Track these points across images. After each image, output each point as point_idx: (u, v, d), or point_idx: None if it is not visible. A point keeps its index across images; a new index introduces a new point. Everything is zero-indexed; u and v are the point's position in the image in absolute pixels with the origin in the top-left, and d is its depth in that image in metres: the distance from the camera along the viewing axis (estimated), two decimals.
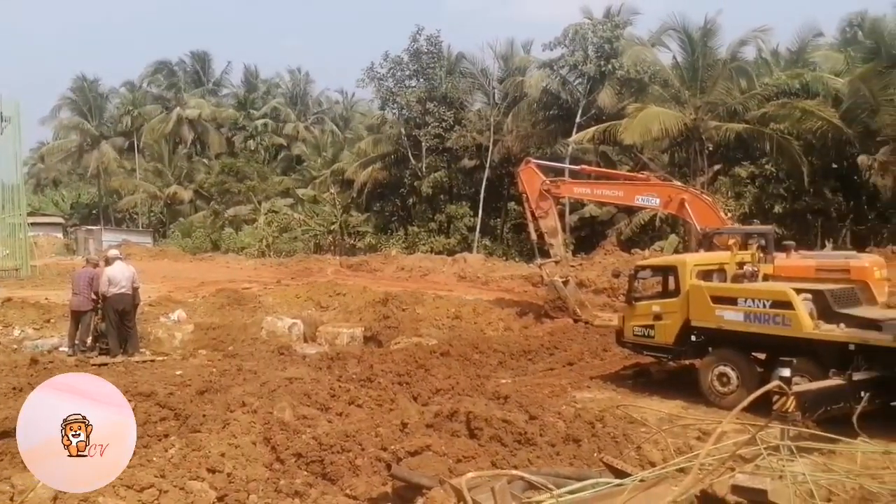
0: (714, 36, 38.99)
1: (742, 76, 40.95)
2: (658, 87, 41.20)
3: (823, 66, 41.48)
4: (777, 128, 36.85)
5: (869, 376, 11.70)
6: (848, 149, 36.31)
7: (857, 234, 37.07)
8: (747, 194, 39.58)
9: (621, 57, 41.49)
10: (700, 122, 37.52)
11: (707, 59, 38.77)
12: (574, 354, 18.26)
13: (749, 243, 16.62)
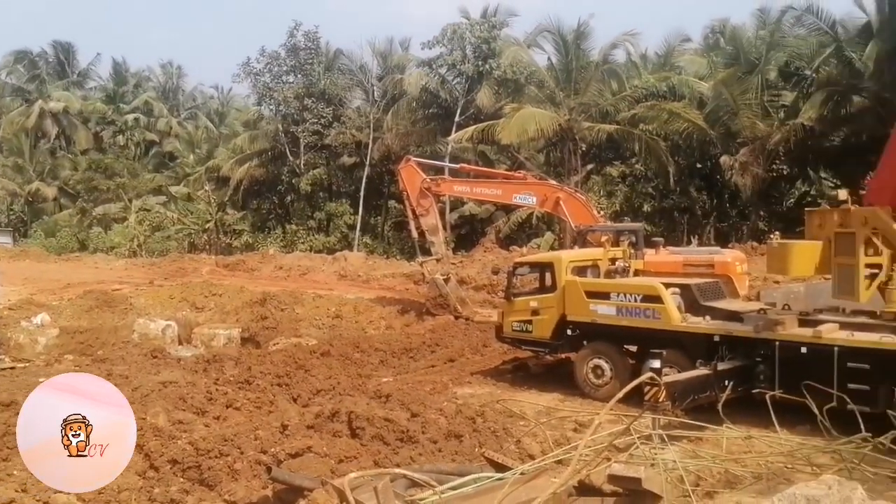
0: (587, 39, 40.15)
1: (613, 78, 42.37)
2: (534, 87, 42.07)
3: (689, 70, 43.41)
4: (646, 129, 38.30)
5: (732, 366, 12.33)
6: (711, 149, 38.12)
7: (721, 231, 38.99)
8: (619, 193, 40.99)
9: (499, 57, 42.12)
10: (574, 123, 38.54)
11: (580, 61, 39.86)
12: (455, 351, 18.43)
13: (620, 240, 17.25)
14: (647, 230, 33.45)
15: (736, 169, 35.00)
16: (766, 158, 35.26)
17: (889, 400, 10.96)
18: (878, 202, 11.97)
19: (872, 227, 11.68)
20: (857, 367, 11.19)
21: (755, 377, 12.20)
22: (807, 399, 9.47)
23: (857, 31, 34.91)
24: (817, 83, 34.07)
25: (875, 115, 30.57)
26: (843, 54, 33.63)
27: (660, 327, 13.43)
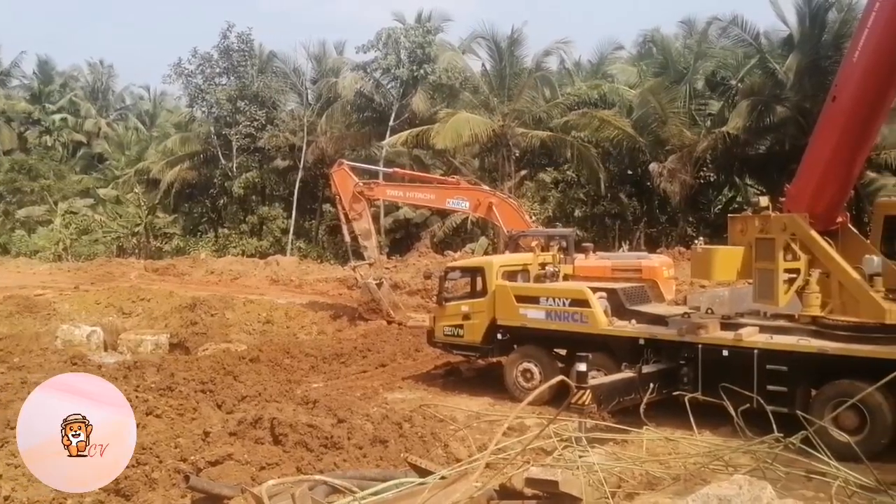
0: (520, 45, 40.61)
1: (546, 85, 42.90)
2: (468, 93, 42.31)
3: (620, 79, 44.19)
4: (578, 136, 38.84)
5: (656, 368, 12.57)
6: (641, 156, 38.84)
7: (651, 237, 39.74)
8: (551, 199, 41.46)
9: (433, 62, 42.22)
10: (507, 129, 38.85)
11: (514, 67, 40.26)
12: (387, 356, 18.38)
13: (551, 245, 17.42)
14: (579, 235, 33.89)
15: (664, 176, 35.71)
16: (694, 166, 36.09)
17: (805, 401, 11.32)
18: (796, 209, 12.35)
19: (791, 233, 12.04)
20: (775, 369, 11.53)
21: (679, 380, 12.45)
22: (724, 401, 9.68)
23: (779, 44, 36.06)
24: (742, 93, 35.03)
25: (796, 124, 31.58)
26: (766, 65, 34.67)
27: (587, 331, 13.62)
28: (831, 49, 30.58)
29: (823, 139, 12.15)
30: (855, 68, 11.55)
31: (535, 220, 33.09)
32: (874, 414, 10.51)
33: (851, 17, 29.54)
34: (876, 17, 11.20)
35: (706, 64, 39.42)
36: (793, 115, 32.36)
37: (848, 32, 26.55)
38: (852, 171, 12.61)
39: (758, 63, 35.30)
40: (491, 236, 39.06)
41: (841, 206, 12.84)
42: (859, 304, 11.49)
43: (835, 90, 12.02)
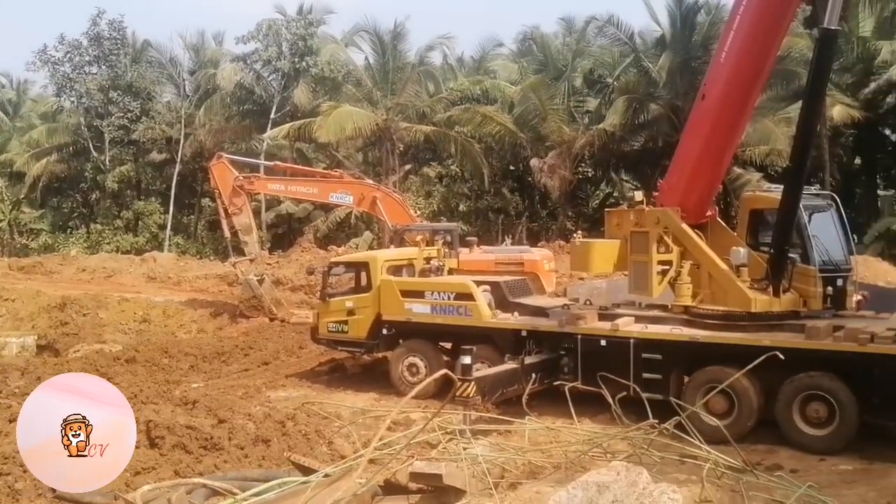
0: (403, 40, 40.59)
1: (430, 80, 43.06)
2: (351, 86, 42.02)
3: (502, 75, 44.87)
4: (461, 131, 39.18)
5: (539, 359, 12.84)
6: (522, 152, 39.56)
7: (533, 231, 40.54)
8: (436, 193, 41.72)
9: (316, 55, 41.68)
10: (391, 123, 38.79)
11: (397, 61, 40.21)
12: (270, 354, 18.07)
13: (436, 239, 17.51)
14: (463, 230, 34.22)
15: (545, 171, 36.47)
16: (573, 161, 36.99)
17: (678, 387, 11.81)
18: (668, 203, 12.85)
19: (664, 227, 12.53)
20: (650, 357, 11.97)
21: (560, 369, 12.76)
22: (602, 389, 9.98)
23: (653, 43, 37.40)
24: (618, 91, 36.12)
25: (669, 121, 32.86)
26: (641, 64, 35.87)
27: (471, 324, 13.77)
28: (701, 49, 31.92)
29: (693, 136, 12.70)
30: (722, 68, 12.11)
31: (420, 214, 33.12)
32: (742, 398, 11.07)
33: (719, 19, 30.91)
34: (741, 20, 11.78)
35: (584, 62, 40.49)
36: (665, 113, 33.63)
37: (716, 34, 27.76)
38: (721, 167, 13.23)
39: (633, 62, 36.49)
40: (375, 231, 38.94)
41: (710, 201, 13.46)
42: (727, 294, 12.07)
43: (704, 89, 12.57)
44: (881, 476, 9.49)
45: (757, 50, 11.69)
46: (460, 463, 6.86)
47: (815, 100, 11.99)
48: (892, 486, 9.02)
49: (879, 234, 30.21)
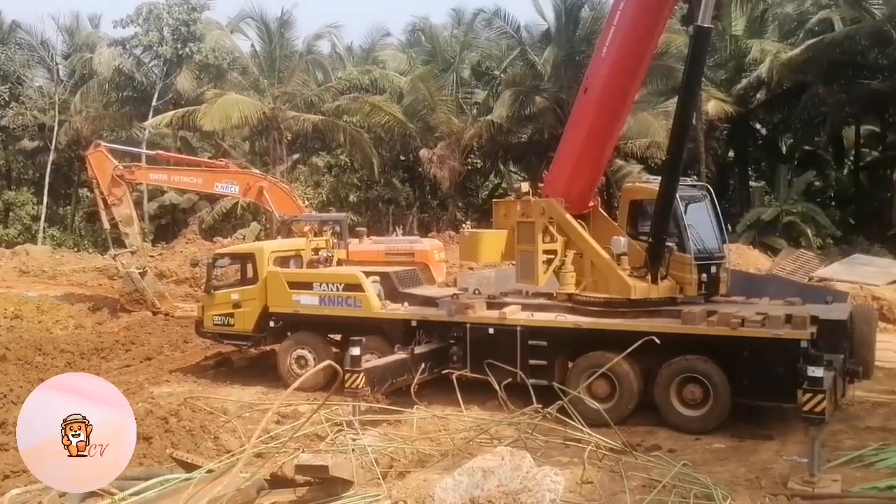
0: (291, 28, 39.97)
1: (318, 69, 42.54)
2: (237, 74, 41.12)
3: (391, 65, 44.75)
4: (350, 120, 38.91)
5: (428, 349, 12.92)
6: (412, 143, 39.63)
7: (423, 221, 40.73)
8: (325, 183, 41.33)
9: (199, 41, 40.51)
10: (279, 112, 38.16)
11: (284, 49, 39.55)
12: (153, 349, 17.51)
13: (324, 230, 17.34)
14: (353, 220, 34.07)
15: (434, 162, 36.68)
16: (462, 152, 37.35)
17: (563, 373, 12.12)
18: (553, 194, 13.14)
19: (549, 217, 12.81)
20: (536, 344, 12.23)
21: (449, 358, 12.87)
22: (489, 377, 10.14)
23: (539, 37, 38.11)
24: (505, 83, 36.64)
25: (554, 114, 33.57)
26: (527, 57, 36.49)
27: (361, 315, 13.73)
28: (585, 44, 32.68)
29: (576, 129, 13.02)
30: (603, 63, 12.46)
31: (309, 204, 32.80)
32: (622, 382, 11.46)
33: (602, 15, 31.72)
34: (620, 16, 12.14)
35: (472, 54, 40.89)
36: (551, 106, 34.32)
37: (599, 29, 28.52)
38: (602, 159, 13.62)
39: (519, 55, 37.07)
40: (263, 222, 38.26)
41: (593, 192, 13.83)
42: (609, 282, 12.45)
43: (586, 83, 12.90)
44: (751, 453, 10.04)
45: (635, 45, 12.08)
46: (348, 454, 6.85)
47: (690, 95, 12.49)
48: (761, 461, 9.56)
49: (750, 223, 31.79)
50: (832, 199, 37.81)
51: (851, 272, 22.83)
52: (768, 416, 11.40)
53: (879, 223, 34.15)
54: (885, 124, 36.74)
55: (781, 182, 33.47)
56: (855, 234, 32.93)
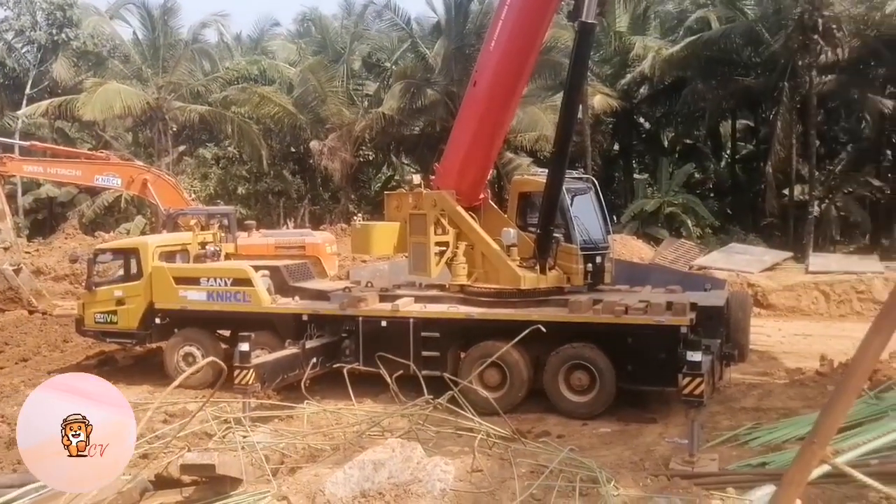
0: (175, 15, 38.72)
1: (205, 58, 41.44)
2: (119, 62, 39.55)
3: (281, 56, 44.05)
4: (238, 111, 38.09)
5: (320, 343, 12.80)
6: (302, 134, 39.12)
7: (315, 214, 40.28)
8: (212, 175, 40.29)
9: (77, 27, 38.78)
10: (164, 102, 36.98)
11: (168, 38, 38.32)
12: (29, 349, 16.73)
13: (211, 224, 16.94)
14: (242, 213, 33.42)
15: (326, 154, 36.34)
16: (353, 144, 37.14)
17: (455, 363, 12.25)
18: (444, 186, 13.24)
19: (440, 209, 12.90)
20: (429, 335, 12.31)
21: (342, 352, 12.79)
22: (381, 369, 10.13)
23: (430, 30, 38.19)
24: (396, 75, 36.60)
25: (445, 107, 33.74)
26: (418, 50, 36.56)
27: (250, 310, 13.49)
28: (474, 37, 32.94)
29: (466, 122, 13.15)
30: (491, 56, 12.61)
31: (196, 197, 32.01)
32: (513, 370, 11.67)
33: (491, 8, 32.04)
34: (508, 10, 12.31)
35: (363, 46, 40.65)
36: (442, 98, 34.49)
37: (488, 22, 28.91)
38: (492, 152, 13.79)
39: (410, 47, 37.11)
40: (148, 216, 37.03)
41: (483, 184, 13.99)
42: (499, 273, 12.66)
43: (475, 76, 13.03)
44: (635, 436, 10.40)
45: (522, 40, 12.27)
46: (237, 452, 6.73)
47: (575, 89, 12.80)
48: (645, 444, 9.92)
49: (634, 214, 32.89)
50: (711, 191, 39.48)
51: (728, 260, 23.96)
52: (652, 401, 11.84)
53: (754, 213, 35.94)
54: (758, 119, 38.58)
55: (663, 174, 34.75)
56: (732, 223, 34.55)
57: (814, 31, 29.04)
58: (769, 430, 9.44)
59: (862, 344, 2.77)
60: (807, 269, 23.20)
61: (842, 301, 21.02)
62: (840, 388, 2.80)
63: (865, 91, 33.42)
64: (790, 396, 11.53)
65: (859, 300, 20.76)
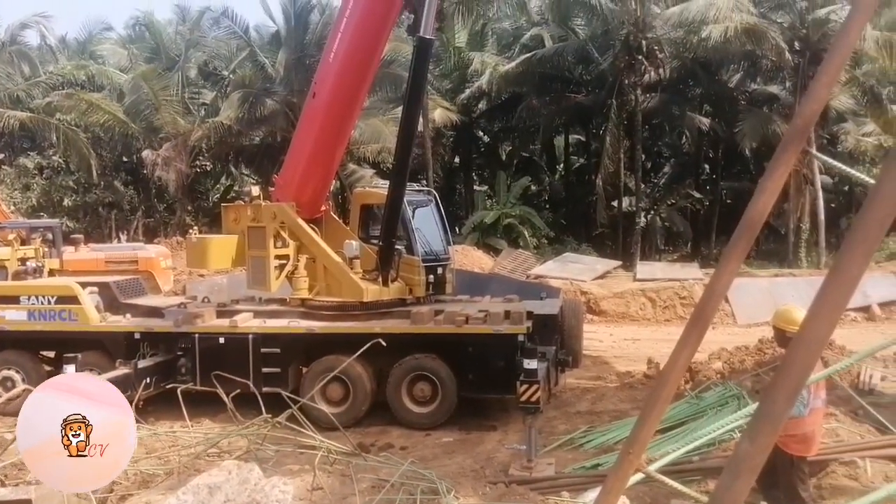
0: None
1: (25, 62, 38.94)
2: None
3: (111, 61, 42.01)
4: (64, 119, 35.98)
5: (154, 362, 12.23)
6: (135, 143, 37.48)
7: (149, 226, 38.63)
8: (35, 186, 37.82)
9: None
10: None
11: None
12: None
13: (33, 238, 15.93)
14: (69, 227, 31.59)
15: (160, 164, 34.96)
16: (189, 154, 35.95)
17: (297, 379, 12.04)
18: (284, 198, 13.04)
19: (280, 222, 12.68)
20: (269, 352, 12.01)
21: (177, 371, 12.28)
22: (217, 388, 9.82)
23: (269, 39, 37.60)
24: (234, 84, 35.75)
25: (285, 117, 33.28)
26: (256, 59, 35.87)
27: (77, 329, 12.70)
28: (315, 48, 32.68)
29: (305, 133, 13.02)
30: (331, 69, 12.56)
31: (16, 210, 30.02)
32: (356, 384, 11.60)
33: (331, 19, 31.94)
34: (347, 22, 12.31)
35: (198, 53, 39.47)
36: (282, 108, 34.00)
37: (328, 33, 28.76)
38: (332, 163, 13.70)
39: (248, 56, 36.36)
40: None
41: (324, 196, 13.89)
42: (342, 286, 12.57)
43: (314, 87, 12.93)
44: (477, 444, 10.59)
45: (361, 52, 12.30)
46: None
47: (414, 103, 12.92)
48: (486, 451, 10.11)
49: (475, 225, 33.65)
50: (546, 203, 41.01)
51: (563, 269, 24.96)
52: (493, 408, 12.10)
53: (587, 224, 37.62)
54: (589, 134, 40.46)
55: (501, 186, 35.78)
56: (566, 234, 36.02)
57: (638, 51, 30.84)
58: (602, 433, 9.88)
59: (671, 356, 2.96)
60: (634, 277, 24.53)
61: (667, 307, 22.38)
62: (651, 398, 2.97)
63: (685, 109, 35.89)
64: (621, 399, 12.12)
65: (682, 305, 22.15)
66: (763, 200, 2.71)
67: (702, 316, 3.01)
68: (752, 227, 2.75)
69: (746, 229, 2.75)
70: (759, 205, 2.75)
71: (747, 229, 2.75)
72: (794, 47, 29.42)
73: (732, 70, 34.99)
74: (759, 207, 2.75)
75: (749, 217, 2.74)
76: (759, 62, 32.28)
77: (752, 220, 2.73)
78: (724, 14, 27.64)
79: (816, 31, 28.47)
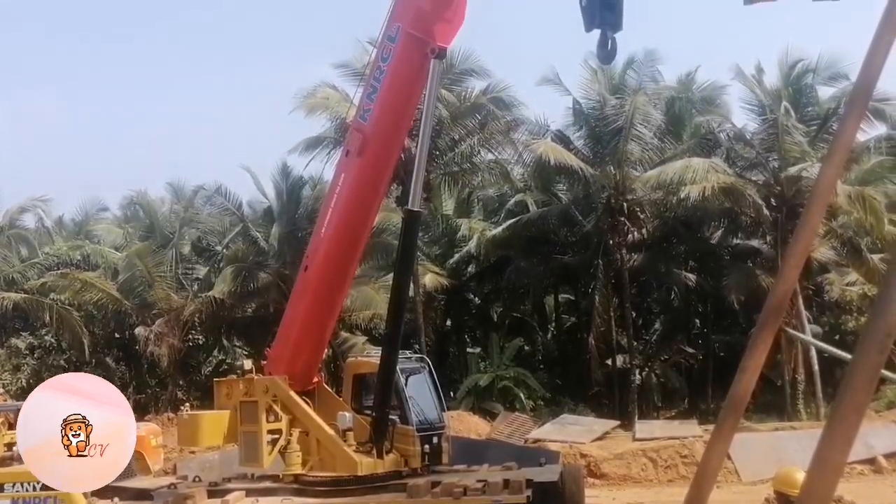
0: None
1: (23, 244, 39.69)
2: None
3: (107, 240, 42.82)
4: (58, 298, 36.25)
5: None
6: (128, 320, 37.56)
7: (140, 403, 37.96)
8: (25, 367, 37.51)
9: None
10: None
11: None
12: None
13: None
14: None
15: (152, 339, 34.94)
16: (182, 329, 35.96)
17: None
18: (276, 371, 13.04)
19: (272, 395, 12.62)
20: None
21: None
22: None
23: (261, 214, 38.54)
24: (227, 259, 36.33)
25: (278, 289, 33.53)
26: (249, 234, 36.61)
27: None
28: (307, 221, 33.47)
29: (297, 306, 13.21)
30: (322, 242, 12.92)
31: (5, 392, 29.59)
32: None
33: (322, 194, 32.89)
34: (338, 197, 12.77)
35: (192, 230, 40.35)
36: (275, 281, 34.33)
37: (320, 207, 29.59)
38: (324, 335, 13.83)
39: (241, 231, 37.13)
40: None
41: (317, 367, 13.91)
42: (335, 459, 12.38)
43: (306, 260, 13.25)
44: None
45: (352, 226, 12.71)
46: None
47: (404, 270, 13.24)
48: None
49: (469, 389, 33.29)
50: (540, 363, 40.75)
51: (561, 431, 24.55)
52: None
53: (582, 383, 37.27)
54: (578, 293, 40.85)
55: (494, 348, 35.70)
56: (562, 394, 35.59)
57: (620, 213, 31.75)
58: None
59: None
60: (634, 437, 24.11)
61: (668, 466, 21.88)
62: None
63: (671, 266, 36.51)
64: None
65: (684, 464, 21.66)
66: (746, 379, 2.80)
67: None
68: (737, 407, 2.81)
69: (732, 409, 2.81)
70: (742, 384, 2.83)
71: (733, 409, 2.81)
72: (770, 203, 30.37)
73: (714, 227, 35.92)
74: (743, 386, 2.83)
75: (733, 396, 2.81)
76: (738, 218, 33.24)
77: (737, 398, 2.81)
78: (700, 175, 28.74)
79: (790, 188, 29.51)
